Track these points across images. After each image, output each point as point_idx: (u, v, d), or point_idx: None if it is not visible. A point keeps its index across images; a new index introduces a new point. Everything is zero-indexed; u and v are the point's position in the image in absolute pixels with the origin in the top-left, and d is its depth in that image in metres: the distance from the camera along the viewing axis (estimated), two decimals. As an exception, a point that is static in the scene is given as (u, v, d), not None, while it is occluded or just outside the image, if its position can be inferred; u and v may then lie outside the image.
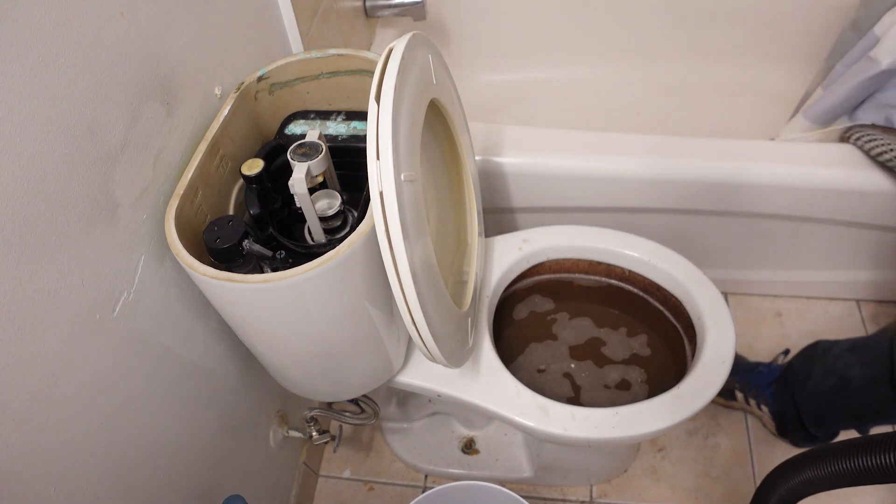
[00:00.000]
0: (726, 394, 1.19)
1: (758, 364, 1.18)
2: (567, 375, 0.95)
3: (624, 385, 0.93)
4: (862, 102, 1.11)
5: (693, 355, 0.90)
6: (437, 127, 0.81)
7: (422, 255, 0.59)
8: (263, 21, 0.83)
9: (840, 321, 1.34)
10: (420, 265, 0.58)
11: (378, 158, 0.53)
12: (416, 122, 0.60)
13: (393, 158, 0.53)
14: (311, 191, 0.63)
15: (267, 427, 0.96)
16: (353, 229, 0.67)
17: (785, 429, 1.14)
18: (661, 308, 0.98)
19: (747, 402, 1.17)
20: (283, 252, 0.68)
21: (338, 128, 0.74)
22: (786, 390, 1.10)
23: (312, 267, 0.56)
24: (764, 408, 1.14)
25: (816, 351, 1.05)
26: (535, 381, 0.94)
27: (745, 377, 1.17)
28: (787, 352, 1.18)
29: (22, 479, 0.48)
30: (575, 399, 0.92)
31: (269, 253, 0.62)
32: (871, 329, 1.32)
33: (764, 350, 1.30)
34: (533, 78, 1.62)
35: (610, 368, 0.95)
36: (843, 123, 1.14)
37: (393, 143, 0.53)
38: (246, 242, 0.60)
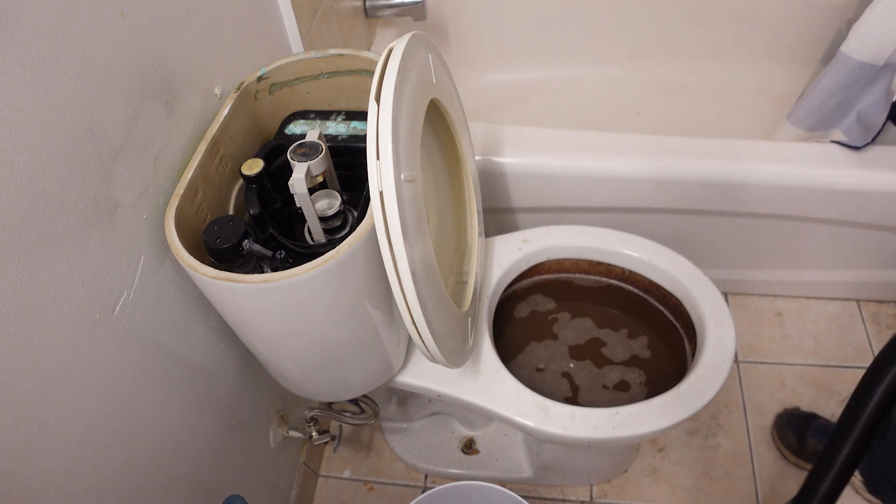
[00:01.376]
0: (797, 447, 1.11)
1: None
2: (566, 375, 0.95)
3: (623, 386, 0.93)
4: (849, 109, 1.08)
5: (693, 355, 0.90)
6: (437, 127, 0.81)
7: (422, 255, 0.59)
8: (263, 21, 0.83)
9: (840, 321, 1.34)
10: (420, 265, 0.58)
11: (378, 158, 0.53)
12: (416, 122, 0.60)
13: (393, 158, 0.53)
14: (311, 191, 0.63)
15: (267, 427, 0.96)
16: (353, 229, 0.67)
17: (876, 485, 1.02)
18: (662, 308, 0.98)
19: None
20: (283, 252, 0.68)
21: (338, 128, 0.74)
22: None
23: (312, 267, 0.56)
24: None
25: None
26: (534, 380, 0.94)
27: (822, 436, 1.07)
28: None
29: (22, 479, 0.48)
30: (573, 399, 0.92)
31: (269, 253, 0.62)
32: (871, 329, 1.32)
33: (765, 349, 1.30)
34: (533, 78, 1.62)
35: (609, 369, 0.95)
36: (832, 135, 1.11)
37: (393, 143, 0.53)
38: (246, 242, 0.60)
